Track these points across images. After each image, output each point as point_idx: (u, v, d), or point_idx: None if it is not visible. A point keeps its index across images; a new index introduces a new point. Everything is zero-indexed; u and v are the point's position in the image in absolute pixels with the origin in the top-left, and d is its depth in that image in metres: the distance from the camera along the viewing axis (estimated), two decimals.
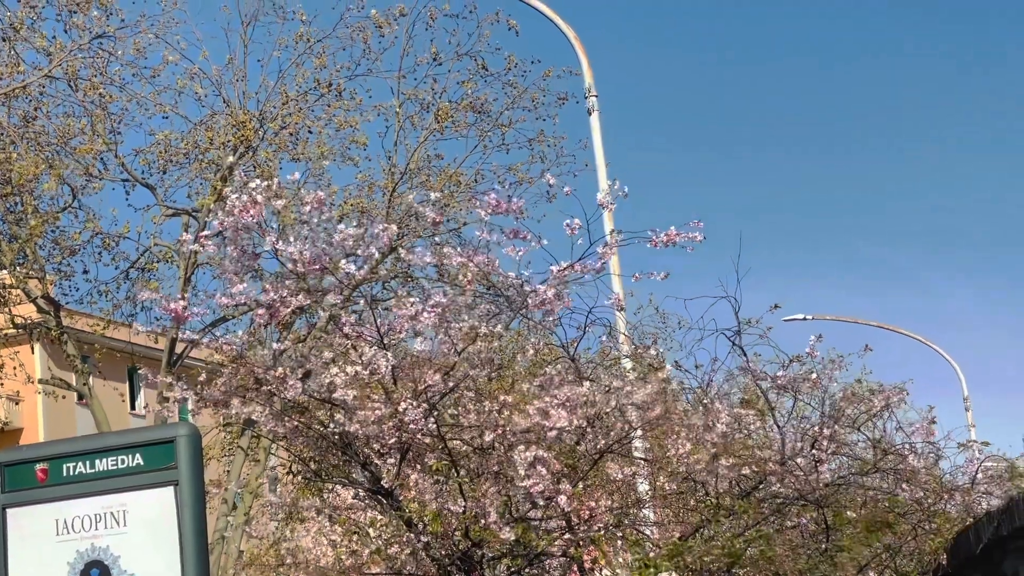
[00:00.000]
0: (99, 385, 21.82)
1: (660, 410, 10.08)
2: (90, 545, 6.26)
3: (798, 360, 10.70)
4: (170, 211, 20.41)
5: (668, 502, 10.97)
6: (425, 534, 9.25)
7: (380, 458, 9.54)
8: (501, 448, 9.51)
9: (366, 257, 9.21)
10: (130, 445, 6.36)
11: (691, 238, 9.15)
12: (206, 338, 11.23)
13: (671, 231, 9.16)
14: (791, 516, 10.66)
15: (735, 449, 10.37)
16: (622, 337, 11.77)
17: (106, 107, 19.54)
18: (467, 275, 9.20)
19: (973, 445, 11.75)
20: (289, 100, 19.88)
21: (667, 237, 9.17)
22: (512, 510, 9.50)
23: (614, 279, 12.37)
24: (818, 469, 10.49)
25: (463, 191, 20.33)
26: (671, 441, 10.23)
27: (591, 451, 9.95)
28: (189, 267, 19.83)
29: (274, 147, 20.00)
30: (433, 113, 20.10)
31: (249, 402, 9.28)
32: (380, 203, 19.90)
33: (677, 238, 9.16)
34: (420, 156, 20.31)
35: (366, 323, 9.57)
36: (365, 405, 9.13)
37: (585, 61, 15.89)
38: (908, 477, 10.87)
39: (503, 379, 10.95)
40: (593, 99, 15.67)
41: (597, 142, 15.57)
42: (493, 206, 9.14)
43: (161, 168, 20.23)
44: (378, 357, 9.06)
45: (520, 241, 9.16)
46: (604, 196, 9.72)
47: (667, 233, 9.17)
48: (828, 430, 10.49)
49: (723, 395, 10.97)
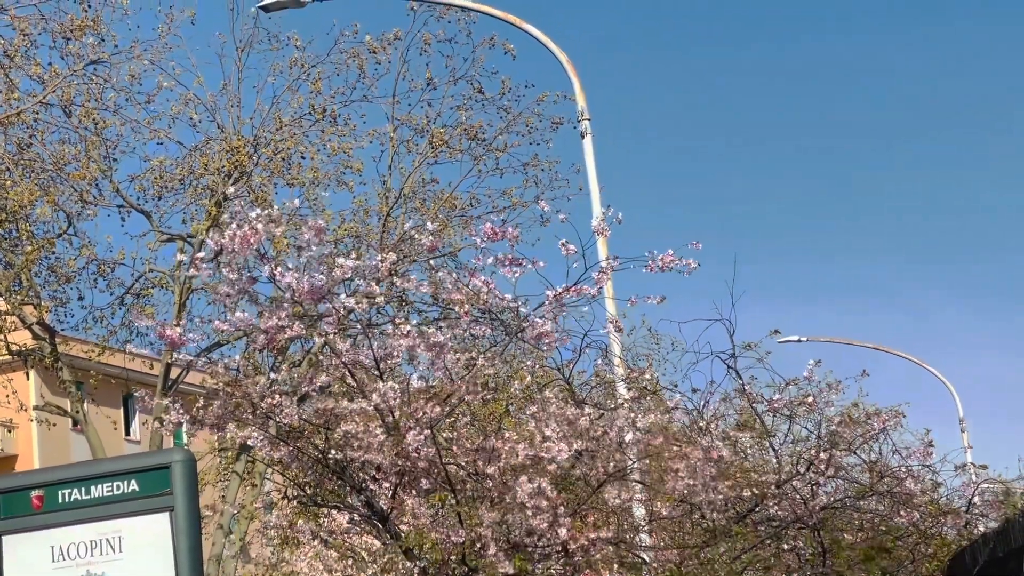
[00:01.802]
0: (93, 411, 21.79)
1: (661, 439, 10.05)
2: (86, 572, 6.24)
3: (794, 383, 10.71)
4: (165, 237, 20.41)
5: (665, 526, 10.95)
6: (422, 560, 9.23)
7: (375, 483, 9.53)
8: (497, 474, 9.51)
9: (365, 292, 9.23)
10: (125, 471, 6.35)
11: (686, 264, 9.16)
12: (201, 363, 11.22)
13: (667, 255, 9.15)
14: (788, 539, 10.64)
15: (732, 473, 10.36)
16: (617, 360, 11.77)
17: (100, 133, 19.57)
18: (463, 307, 9.22)
19: (970, 468, 11.74)
20: (283, 125, 19.91)
21: (663, 262, 9.17)
22: (509, 538, 9.48)
23: (608, 302, 12.39)
24: (815, 492, 10.47)
25: (458, 215, 20.38)
26: (671, 475, 10.20)
27: (589, 477, 9.93)
28: (184, 292, 19.82)
29: (268, 172, 20.02)
30: (427, 138, 20.15)
31: (244, 426, 9.28)
32: (375, 228, 19.93)
33: (672, 264, 9.16)
34: (415, 181, 20.36)
35: (362, 348, 9.58)
36: (368, 433, 9.14)
37: (578, 84, 15.93)
38: (905, 500, 10.86)
39: (498, 402, 10.96)
40: (586, 122, 15.71)
41: (591, 165, 15.60)
42: (488, 234, 9.18)
43: (156, 194, 20.25)
44: (387, 392, 9.07)
45: (516, 267, 9.18)
46: (598, 223, 9.75)
47: (663, 257, 9.16)
48: (825, 453, 10.48)
49: (719, 417, 10.97)
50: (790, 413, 10.87)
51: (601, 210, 11.95)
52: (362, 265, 9.24)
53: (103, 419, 22.31)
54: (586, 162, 15.67)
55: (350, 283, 9.34)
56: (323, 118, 19.98)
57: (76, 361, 21.72)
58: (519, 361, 12.42)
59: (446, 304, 9.64)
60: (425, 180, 20.67)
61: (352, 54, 19.97)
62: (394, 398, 9.06)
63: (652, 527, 10.94)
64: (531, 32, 16.48)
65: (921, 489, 11.06)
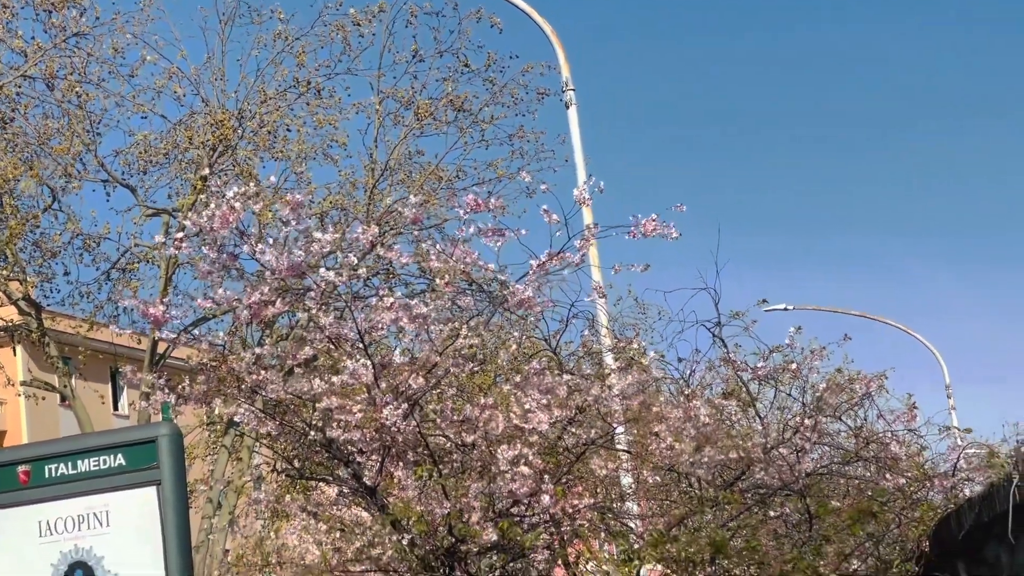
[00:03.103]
0: (81, 386, 21.78)
1: (641, 400, 10.11)
2: (73, 546, 6.26)
3: (778, 351, 10.75)
4: (150, 211, 20.35)
5: (651, 494, 11.00)
6: (410, 531, 9.27)
7: (362, 456, 9.56)
8: (483, 444, 9.54)
9: (344, 264, 9.21)
10: (112, 446, 6.35)
11: (669, 230, 9.15)
12: (187, 338, 11.22)
13: (649, 221, 9.13)
14: (774, 506, 10.70)
15: (718, 440, 10.40)
16: (604, 330, 11.79)
17: (84, 107, 19.47)
18: (445, 277, 9.21)
19: (954, 432, 11.81)
20: (268, 99, 19.84)
21: (646, 228, 9.16)
22: (495, 507, 9.52)
23: (593, 271, 12.40)
24: (801, 459, 10.53)
25: (444, 187, 20.35)
26: (652, 439, 10.26)
27: (573, 446, 9.97)
28: (170, 267, 19.79)
29: (253, 146, 19.97)
30: (413, 110, 20.11)
31: (231, 401, 9.29)
32: (361, 201, 19.90)
33: (656, 231, 9.15)
34: (400, 153, 20.32)
35: (347, 321, 9.58)
36: (346, 409, 9.14)
37: (562, 55, 15.90)
38: (890, 465, 10.92)
39: (486, 374, 10.97)
40: (571, 93, 15.68)
41: (575, 136, 15.59)
42: (472, 205, 9.16)
43: (141, 168, 20.19)
44: (359, 368, 9.07)
45: (499, 237, 9.17)
46: (581, 192, 9.75)
47: (646, 223, 9.15)
48: (810, 420, 10.53)
49: (705, 386, 11.01)
50: (775, 380, 10.91)
51: (585, 177, 11.95)
52: (344, 238, 9.23)
53: (91, 394, 22.29)
54: (571, 133, 15.67)
55: (334, 257, 9.33)
56: (308, 91, 19.92)
57: (63, 336, 21.69)
58: (506, 332, 12.43)
59: (431, 276, 9.64)
60: (411, 153, 20.65)
61: (336, 27, 19.90)
62: (367, 374, 9.06)
63: (638, 495, 10.99)
64: (516, 3, 16.44)
65: (907, 454, 11.12)
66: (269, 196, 9.67)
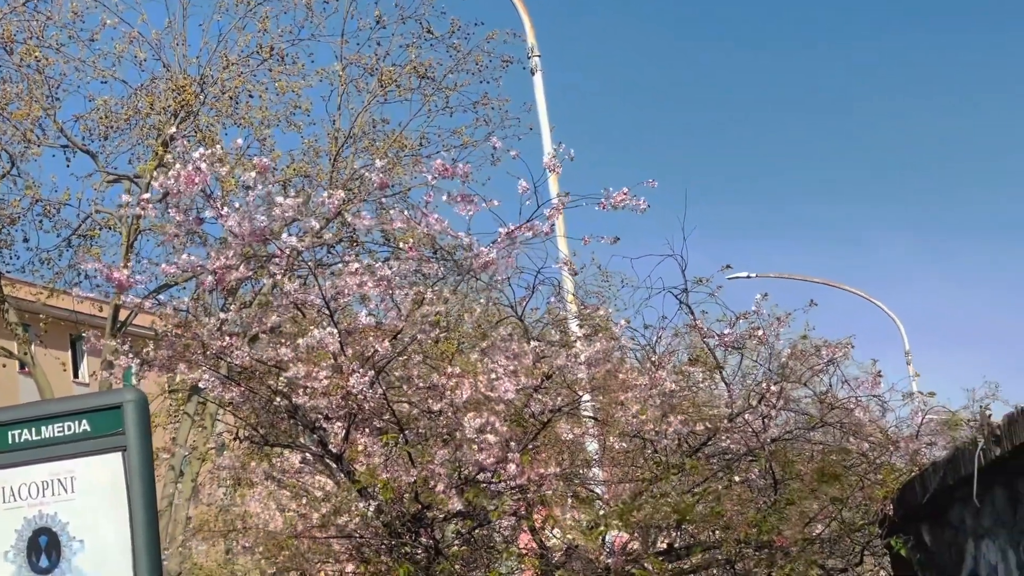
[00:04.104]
0: (42, 354, 21.60)
1: (608, 369, 10.12)
2: (38, 512, 6.20)
3: (744, 318, 10.78)
4: (111, 177, 20.16)
5: (617, 461, 11.03)
6: (376, 498, 9.25)
7: (328, 422, 9.52)
8: (450, 411, 9.52)
9: (306, 229, 9.16)
10: (77, 411, 6.29)
11: (638, 204, 9.15)
12: (151, 303, 11.12)
13: (621, 194, 9.13)
14: (740, 472, 10.76)
15: (683, 407, 10.44)
16: (570, 298, 11.78)
17: (43, 71, 19.24)
18: (409, 241, 9.19)
19: (917, 396, 11.90)
20: (230, 64, 19.67)
21: (616, 200, 9.16)
22: (461, 474, 9.52)
23: (561, 240, 12.38)
24: (766, 425, 10.58)
25: (407, 155, 20.26)
26: (618, 407, 10.28)
27: (539, 413, 9.97)
28: (131, 233, 19.63)
29: (215, 112, 19.80)
30: (377, 77, 19.99)
31: (195, 367, 9.22)
32: (324, 168, 19.79)
33: (625, 203, 9.15)
34: (364, 120, 20.21)
35: (311, 288, 9.53)
36: (312, 375, 9.10)
37: (528, 21, 15.83)
38: (854, 431, 11.01)
39: (450, 341, 10.95)
40: (536, 59, 15.62)
41: (541, 103, 15.53)
42: (439, 170, 9.13)
43: (102, 134, 19.97)
44: (326, 336, 9.03)
45: (469, 204, 9.15)
46: (550, 159, 9.72)
47: (616, 195, 9.15)
48: (776, 387, 10.58)
49: (671, 353, 11.04)
50: (741, 347, 10.95)
51: (552, 147, 11.91)
52: (308, 204, 9.17)
53: (52, 361, 22.09)
54: (536, 100, 15.62)
55: (298, 225, 9.27)
56: (271, 56, 19.75)
57: (23, 304, 21.51)
58: (471, 300, 12.41)
59: (395, 243, 9.61)
60: (375, 121, 20.53)
61: None
62: (333, 342, 9.02)
63: (604, 462, 11.02)
64: None
65: (870, 419, 11.21)
66: (233, 161, 9.57)
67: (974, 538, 9.01)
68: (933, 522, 9.81)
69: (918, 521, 10.04)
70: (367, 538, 9.98)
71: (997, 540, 8.57)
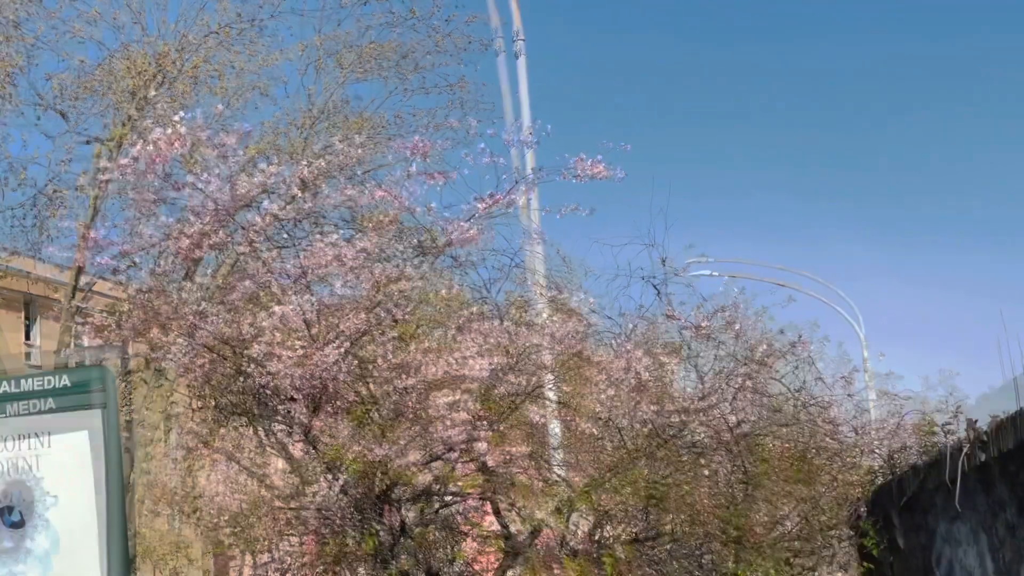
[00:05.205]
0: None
1: (578, 351, 10.11)
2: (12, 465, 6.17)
3: (722, 311, 10.79)
4: (82, 139, 19.90)
5: (584, 446, 11.02)
6: (343, 473, 9.21)
7: (298, 392, 9.46)
8: (421, 388, 9.49)
9: (287, 196, 9.12)
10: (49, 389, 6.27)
11: (613, 174, 9.11)
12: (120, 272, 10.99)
13: (595, 163, 9.07)
14: (709, 464, 10.77)
15: (655, 395, 10.44)
16: (539, 278, 11.75)
17: (19, 25, 18.96)
18: (376, 217, 9.19)
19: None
20: (211, 32, 19.47)
21: (593, 170, 9.09)
22: (430, 451, 9.49)
23: (534, 214, 12.36)
24: (740, 420, 10.60)
25: (382, 132, 20.15)
26: (591, 389, 10.27)
27: (509, 394, 9.95)
28: (99, 197, 19.38)
29: (192, 80, 19.58)
30: (356, 52, 19.88)
31: (169, 331, 9.13)
32: (297, 142, 19.65)
33: (600, 173, 9.08)
34: (339, 97, 20.09)
35: (287, 260, 9.47)
36: (285, 345, 9.05)
37: (515, 4, 15.78)
38: (828, 432, 11.02)
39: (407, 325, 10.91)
40: (520, 43, 15.59)
41: (523, 87, 15.50)
42: (412, 148, 9.17)
43: (74, 95, 19.70)
44: (303, 303, 8.98)
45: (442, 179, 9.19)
46: (526, 134, 9.74)
47: (592, 165, 9.07)
48: (750, 381, 10.60)
49: (644, 340, 11.03)
50: (716, 339, 10.96)
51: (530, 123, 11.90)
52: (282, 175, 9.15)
53: (3, 321, 21.84)
54: (519, 84, 15.57)
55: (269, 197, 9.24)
56: (252, 26, 19.57)
57: None
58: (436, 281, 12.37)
59: (362, 221, 9.60)
60: (350, 98, 20.41)
61: None
62: (305, 313, 8.98)
63: (572, 446, 11.01)
64: None
65: (844, 419, 11.24)
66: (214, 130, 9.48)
67: (951, 543, 9.01)
68: (907, 525, 9.83)
69: (891, 523, 10.06)
70: (332, 514, 9.91)
71: (976, 545, 8.58)
